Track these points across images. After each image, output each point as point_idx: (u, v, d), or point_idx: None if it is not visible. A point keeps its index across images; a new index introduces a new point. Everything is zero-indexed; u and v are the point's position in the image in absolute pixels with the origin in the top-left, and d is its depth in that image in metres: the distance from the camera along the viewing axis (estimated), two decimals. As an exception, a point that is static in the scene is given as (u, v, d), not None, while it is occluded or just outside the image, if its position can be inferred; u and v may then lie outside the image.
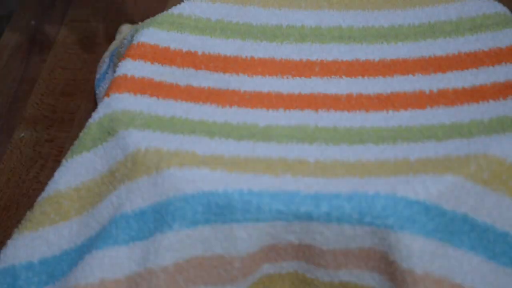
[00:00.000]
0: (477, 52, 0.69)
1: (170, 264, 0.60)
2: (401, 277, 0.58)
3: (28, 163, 0.77)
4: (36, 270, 0.65)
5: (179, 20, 0.73)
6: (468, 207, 0.60)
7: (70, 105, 0.82)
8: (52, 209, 0.65)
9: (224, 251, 0.60)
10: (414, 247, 0.58)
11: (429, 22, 0.72)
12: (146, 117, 0.65)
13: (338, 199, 0.58)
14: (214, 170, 0.60)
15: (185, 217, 0.59)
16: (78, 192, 0.65)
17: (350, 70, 0.69)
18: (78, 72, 0.85)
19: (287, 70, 0.69)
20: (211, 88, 0.67)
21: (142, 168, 0.62)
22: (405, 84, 0.67)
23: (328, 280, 0.62)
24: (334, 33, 0.72)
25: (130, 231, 0.61)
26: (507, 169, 0.61)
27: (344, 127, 0.64)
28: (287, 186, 0.59)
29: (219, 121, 0.65)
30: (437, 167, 0.60)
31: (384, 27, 0.72)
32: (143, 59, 0.69)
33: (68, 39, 0.88)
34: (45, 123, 0.80)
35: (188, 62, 0.70)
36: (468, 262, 0.59)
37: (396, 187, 0.59)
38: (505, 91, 0.66)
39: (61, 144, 0.79)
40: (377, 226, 0.58)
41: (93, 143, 0.66)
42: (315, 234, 0.59)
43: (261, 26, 0.72)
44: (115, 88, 0.67)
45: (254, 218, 0.59)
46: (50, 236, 0.65)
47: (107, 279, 0.60)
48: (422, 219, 0.58)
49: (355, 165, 0.61)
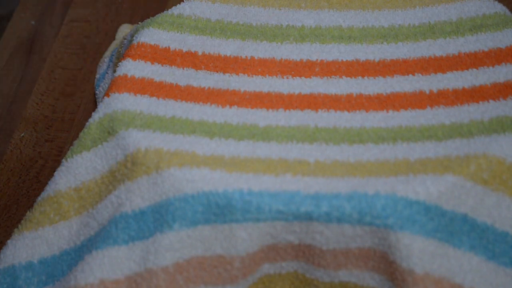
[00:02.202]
0: (477, 52, 0.69)
1: (170, 264, 0.60)
2: (401, 277, 0.58)
3: (28, 163, 0.77)
4: (35, 270, 0.65)
5: (179, 20, 0.73)
6: (468, 207, 0.60)
7: (70, 105, 0.82)
8: (52, 209, 0.65)
9: (224, 251, 0.60)
10: (414, 247, 0.58)
11: (429, 22, 0.72)
12: (146, 117, 0.65)
13: (338, 199, 0.58)
14: (214, 170, 0.60)
15: (185, 217, 0.59)
16: (78, 192, 0.65)
17: (350, 70, 0.69)
18: (78, 72, 0.85)
19: (287, 70, 0.69)
20: (211, 88, 0.67)
21: (142, 168, 0.62)
22: (405, 84, 0.67)
23: (328, 280, 0.62)
24: (334, 33, 0.72)
25: (130, 231, 0.61)
26: (507, 169, 0.61)
27: (344, 127, 0.64)
28: (287, 186, 0.59)
29: (219, 121, 0.65)
30: (437, 167, 0.60)
31: (384, 27, 0.72)
32: (143, 59, 0.69)
33: (68, 39, 0.88)
34: (45, 123, 0.80)
35: (188, 62, 0.70)
36: (468, 262, 0.59)
37: (396, 187, 0.59)
38: (505, 91, 0.65)
39: (61, 144, 0.79)
40: (377, 226, 0.58)
41: (93, 143, 0.66)
42: (315, 234, 0.59)
43: (261, 26, 0.72)
44: (115, 88, 0.67)
45: (254, 218, 0.59)
46: (50, 236, 0.65)
47: (107, 279, 0.60)
48: (422, 219, 0.58)
49: (355, 165, 0.61)
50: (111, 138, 0.64)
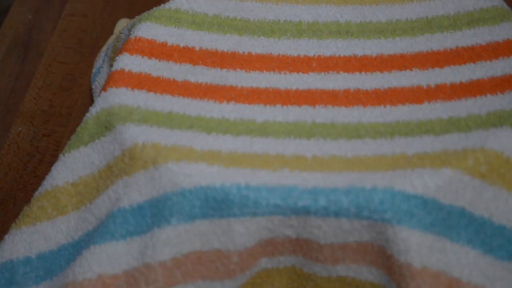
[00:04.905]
0: (474, 47, 0.69)
1: (168, 259, 0.60)
2: (398, 271, 0.59)
3: (25, 158, 0.77)
4: (33, 265, 0.65)
5: (177, 15, 0.72)
6: (465, 201, 0.60)
7: (67, 100, 0.82)
8: (50, 204, 0.65)
9: (221, 245, 0.60)
10: (412, 241, 0.58)
11: (426, 17, 0.72)
12: (143, 112, 0.64)
13: (335, 193, 0.58)
14: (211, 165, 0.60)
15: (183, 212, 0.59)
16: (76, 186, 0.65)
17: (348, 66, 0.69)
18: (76, 66, 0.85)
19: (285, 66, 0.69)
20: (208, 84, 0.67)
21: (139, 163, 0.62)
22: (403, 79, 0.67)
23: (326, 275, 0.62)
24: (332, 28, 0.72)
25: (128, 226, 0.61)
26: (504, 163, 0.61)
27: (341, 123, 0.64)
28: (285, 181, 0.59)
29: (216, 117, 0.65)
30: (435, 161, 0.60)
31: (381, 22, 0.72)
32: (141, 54, 0.69)
33: (65, 34, 0.88)
34: (42, 117, 0.80)
35: (186, 57, 0.69)
36: (466, 256, 0.60)
37: (393, 181, 0.59)
38: (502, 85, 0.66)
39: (59, 138, 0.79)
40: (374, 220, 0.58)
41: (91, 138, 0.65)
42: (313, 228, 0.59)
43: (258, 22, 0.72)
44: (113, 83, 0.67)
45: (252, 213, 0.59)
46: (47, 231, 0.65)
47: (105, 274, 0.60)
48: (420, 213, 0.58)
49: (352, 160, 0.61)
50: (109, 132, 0.64)
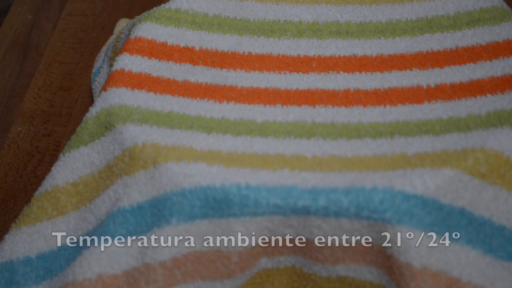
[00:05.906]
0: (474, 47, 0.69)
1: (168, 259, 0.60)
2: (398, 271, 0.59)
3: (25, 158, 0.77)
4: (33, 265, 0.65)
5: (177, 15, 0.72)
6: (465, 201, 0.60)
7: (67, 100, 0.82)
8: (50, 204, 0.65)
9: (221, 245, 0.60)
10: (412, 241, 0.58)
11: (426, 16, 0.72)
12: (143, 112, 0.64)
13: (335, 193, 0.58)
14: (211, 165, 0.60)
15: (183, 212, 0.59)
16: (76, 186, 0.65)
17: (348, 66, 0.69)
18: (75, 66, 0.85)
19: (285, 66, 0.69)
20: (208, 84, 0.67)
21: (139, 163, 0.62)
22: (403, 79, 0.67)
23: (326, 275, 0.62)
24: (332, 28, 0.72)
25: (128, 225, 0.61)
26: (504, 163, 0.61)
27: (341, 123, 0.64)
28: (285, 181, 0.59)
29: (216, 117, 0.65)
30: (435, 161, 0.60)
31: (381, 22, 0.72)
32: (141, 54, 0.69)
33: (65, 33, 0.88)
34: (42, 117, 0.80)
35: (186, 57, 0.69)
36: (466, 256, 0.60)
37: (393, 181, 0.59)
38: (502, 85, 0.66)
39: (59, 138, 0.79)
40: (374, 220, 0.58)
41: (91, 138, 0.65)
42: (313, 228, 0.59)
43: (258, 22, 0.72)
44: (113, 83, 0.67)
45: (252, 213, 0.59)
46: (47, 231, 0.65)
47: (105, 274, 0.60)
48: (420, 213, 0.58)
49: (352, 160, 0.61)
50: (109, 132, 0.64)
